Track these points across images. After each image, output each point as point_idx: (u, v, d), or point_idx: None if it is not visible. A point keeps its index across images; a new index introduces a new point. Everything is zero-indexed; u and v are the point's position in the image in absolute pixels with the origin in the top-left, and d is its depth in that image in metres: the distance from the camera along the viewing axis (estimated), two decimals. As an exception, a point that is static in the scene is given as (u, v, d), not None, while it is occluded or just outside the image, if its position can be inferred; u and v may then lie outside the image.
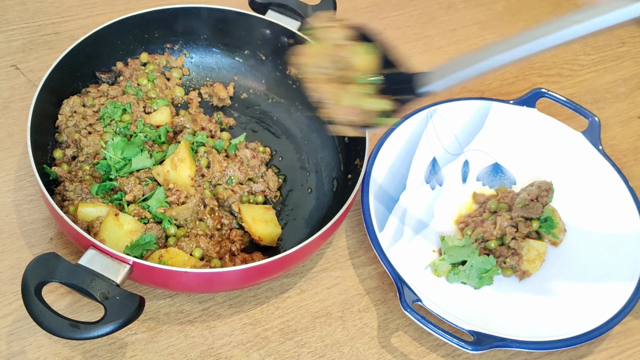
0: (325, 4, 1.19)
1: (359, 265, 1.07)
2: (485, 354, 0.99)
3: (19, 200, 1.05)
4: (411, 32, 1.42)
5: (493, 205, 1.10)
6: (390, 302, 1.03)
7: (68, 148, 1.04)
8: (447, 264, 1.04)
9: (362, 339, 0.99)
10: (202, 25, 1.19)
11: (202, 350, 0.94)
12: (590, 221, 1.11)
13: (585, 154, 1.14)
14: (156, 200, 0.98)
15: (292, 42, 1.16)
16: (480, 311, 1.00)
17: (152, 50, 1.19)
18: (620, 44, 1.47)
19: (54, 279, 0.82)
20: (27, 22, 1.28)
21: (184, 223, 0.98)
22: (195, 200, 0.99)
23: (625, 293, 1.00)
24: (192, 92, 1.19)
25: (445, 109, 1.16)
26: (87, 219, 0.95)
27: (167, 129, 1.08)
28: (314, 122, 1.18)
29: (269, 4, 1.18)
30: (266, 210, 1.03)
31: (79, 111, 1.07)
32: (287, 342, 0.97)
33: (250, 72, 1.22)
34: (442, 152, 1.17)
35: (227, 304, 1.00)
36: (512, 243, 1.04)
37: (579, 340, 0.95)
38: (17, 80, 1.19)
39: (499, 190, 1.16)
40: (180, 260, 0.92)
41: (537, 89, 1.19)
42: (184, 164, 1.00)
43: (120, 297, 0.82)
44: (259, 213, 1.02)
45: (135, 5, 1.34)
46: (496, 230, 1.05)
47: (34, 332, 0.92)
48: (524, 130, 1.18)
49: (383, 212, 1.05)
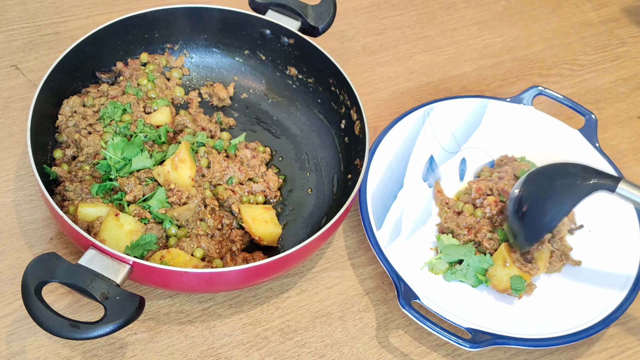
0: (325, 4, 1.19)
1: (358, 265, 1.07)
2: (485, 354, 0.99)
3: (19, 200, 1.05)
4: (411, 32, 1.42)
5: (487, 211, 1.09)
6: (390, 302, 1.03)
7: (68, 148, 1.04)
8: (444, 262, 1.04)
9: (362, 339, 0.99)
10: (202, 25, 1.19)
11: (202, 350, 0.94)
12: (587, 219, 1.11)
13: (582, 151, 1.15)
14: (157, 201, 0.98)
15: (292, 42, 1.16)
16: (478, 309, 1.00)
17: (152, 50, 1.19)
18: (620, 44, 1.47)
19: (54, 279, 0.82)
20: (27, 22, 1.29)
21: (185, 223, 0.98)
22: (197, 201, 0.99)
23: (623, 290, 1.00)
24: (192, 92, 1.19)
25: (443, 107, 1.16)
26: (87, 219, 0.95)
27: (167, 129, 1.08)
28: (313, 122, 1.18)
29: (269, 4, 1.18)
30: (266, 210, 1.03)
31: (79, 111, 1.07)
32: (287, 342, 0.97)
33: (250, 72, 1.22)
34: (440, 150, 1.17)
35: (227, 304, 1.00)
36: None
37: (577, 337, 0.95)
38: (17, 80, 1.19)
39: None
40: (182, 261, 0.92)
41: (533, 87, 1.20)
42: (184, 164, 1.00)
43: (120, 297, 0.82)
44: (259, 213, 1.02)
45: (135, 5, 1.34)
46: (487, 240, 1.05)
47: (34, 332, 0.92)
48: (521, 127, 1.18)
49: (381, 210, 1.06)
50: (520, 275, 1.01)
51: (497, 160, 1.18)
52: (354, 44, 1.37)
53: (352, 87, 1.09)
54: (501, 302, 1.02)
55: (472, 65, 1.38)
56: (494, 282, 1.03)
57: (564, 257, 1.06)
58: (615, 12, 1.53)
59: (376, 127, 1.22)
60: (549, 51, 1.43)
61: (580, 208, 1.12)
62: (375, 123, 1.23)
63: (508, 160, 1.16)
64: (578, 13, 1.51)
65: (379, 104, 1.28)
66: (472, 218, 1.07)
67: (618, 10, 1.54)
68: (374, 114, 1.25)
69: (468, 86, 1.34)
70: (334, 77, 1.13)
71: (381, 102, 1.28)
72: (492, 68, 1.38)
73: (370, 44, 1.38)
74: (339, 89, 1.13)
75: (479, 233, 1.05)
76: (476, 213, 1.08)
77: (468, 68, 1.37)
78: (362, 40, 1.38)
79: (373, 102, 1.28)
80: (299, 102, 1.20)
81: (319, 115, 1.18)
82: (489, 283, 1.03)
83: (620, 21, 1.51)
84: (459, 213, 1.09)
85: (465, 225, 1.07)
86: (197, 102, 1.17)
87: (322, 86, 1.17)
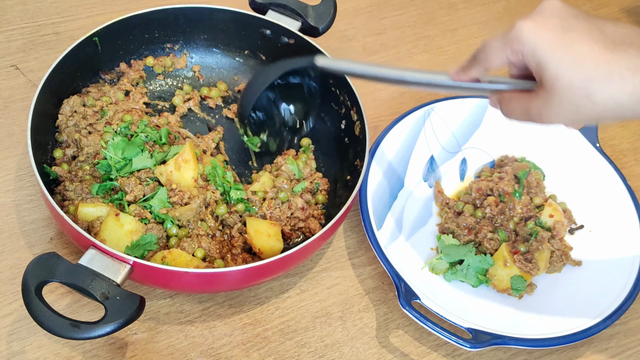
0: (325, 4, 1.19)
1: (358, 265, 1.07)
2: (485, 354, 0.99)
3: (19, 200, 1.05)
4: (411, 32, 1.42)
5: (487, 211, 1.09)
6: (390, 302, 1.03)
7: (68, 148, 1.04)
8: (444, 262, 1.04)
9: (362, 339, 0.99)
10: (202, 25, 1.19)
11: (202, 350, 0.94)
12: (587, 218, 1.11)
13: (582, 152, 1.15)
14: (159, 201, 0.98)
15: (293, 43, 1.16)
16: (479, 309, 1.00)
17: (152, 49, 1.19)
18: (620, 44, 1.47)
19: (54, 278, 0.82)
20: (27, 22, 1.28)
21: (186, 223, 0.98)
22: (199, 201, 0.99)
23: (624, 290, 1.00)
24: (192, 92, 1.19)
25: (443, 107, 1.16)
26: (87, 218, 0.95)
27: (168, 131, 1.08)
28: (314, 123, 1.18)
29: (270, 4, 1.18)
30: (272, 226, 1.01)
31: (79, 111, 1.07)
32: (287, 342, 0.97)
33: (250, 72, 1.22)
34: (440, 150, 1.17)
35: (227, 304, 1.00)
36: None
37: (577, 337, 0.95)
38: (17, 80, 1.19)
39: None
40: (183, 261, 0.92)
41: (534, 87, 1.20)
42: (188, 165, 1.00)
43: (121, 297, 0.82)
44: (264, 227, 1.00)
45: (135, 5, 1.34)
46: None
47: (34, 332, 0.92)
48: (521, 127, 1.18)
49: (381, 210, 1.06)
50: (521, 275, 1.01)
51: (498, 161, 1.18)
52: (354, 44, 1.37)
53: (352, 87, 1.09)
54: (501, 302, 1.02)
55: (472, 65, 1.38)
56: (494, 282, 1.03)
57: (565, 258, 1.06)
58: (615, 12, 1.53)
59: (376, 127, 1.22)
60: (549, 51, 1.43)
61: (581, 208, 1.12)
62: (375, 123, 1.23)
63: (508, 160, 1.16)
64: (578, 13, 1.51)
65: (379, 104, 1.28)
66: (473, 218, 1.07)
67: (618, 10, 1.54)
68: (374, 114, 1.25)
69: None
70: (334, 78, 1.13)
71: (381, 102, 1.28)
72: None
73: (370, 44, 1.38)
74: (339, 90, 1.13)
75: (480, 233, 1.05)
76: (476, 213, 1.08)
77: (468, 68, 1.37)
78: (362, 40, 1.38)
79: (373, 102, 1.28)
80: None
81: (319, 115, 1.18)
82: (490, 283, 1.03)
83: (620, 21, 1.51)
84: (459, 213, 1.09)
85: (465, 225, 1.07)
86: (197, 102, 1.17)
87: (322, 87, 1.17)
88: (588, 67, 0.70)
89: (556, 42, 0.72)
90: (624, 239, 1.06)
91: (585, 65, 0.70)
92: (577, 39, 0.71)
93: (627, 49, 0.70)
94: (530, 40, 0.73)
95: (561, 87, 0.71)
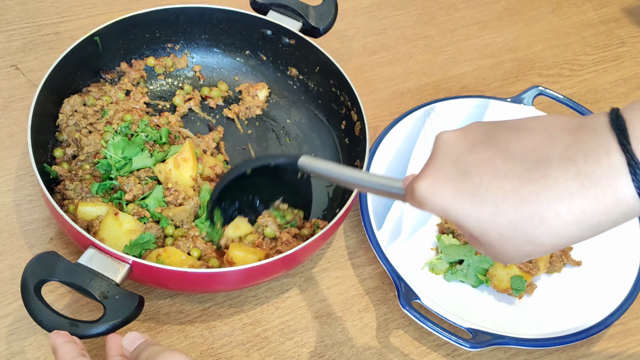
0: (326, 5, 1.19)
1: (358, 265, 1.07)
2: (485, 354, 0.99)
3: (19, 200, 1.05)
4: (411, 32, 1.42)
5: None
6: (390, 302, 1.03)
7: (68, 147, 1.04)
8: (444, 262, 1.04)
9: (362, 339, 0.99)
10: (203, 25, 1.19)
11: (202, 350, 0.94)
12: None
13: None
14: (154, 199, 0.98)
15: (293, 43, 1.16)
16: (479, 309, 1.00)
17: (153, 49, 1.19)
18: (620, 44, 1.47)
19: (53, 277, 0.82)
20: (27, 22, 1.29)
21: (180, 224, 0.98)
22: (193, 203, 0.99)
23: (624, 290, 1.00)
24: (193, 92, 1.19)
25: (443, 107, 1.16)
26: (86, 218, 0.95)
27: (168, 131, 1.08)
28: (314, 123, 1.18)
29: (271, 4, 1.18)
30: (261, 252, 0.97)
31: (80, 110, 1.07)
32: (287, 342, 0.97)
33: (251, 72, 1.22)
34: (441, 151, 1.17)
35: (227, 304, 1.00)
36: None
37: (577, 337, 0.95)
38: (17, 80, 1.19)
39: None
40: (177, 259, 0.91)
41: (534, 87, 1.20)
42: (187, 163, 1.00)
43: (120, 296, 0.82)
44: (249, 254, 0.95)
45: (135, 5, 1.34)
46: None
47: (34, 332, 0.92)
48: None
49: (381, 210, 1.06)
50: (521, 275, 1.01)
51: (498, 161, 1.17)
52: (354, 44, 1.38)
53: (353, 88, 1.09)
54: (502, 302, 1.02)
55: (472, 65, 1.38)
56: (494, 282, 1.03)
57: (565, 258, 1.06)
58: (615, 12, 1.53)
59: (376, 127, 1.22)
60: (549, 51, 1.43)
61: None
62: (375, 123, 1.23)
63: (508, 160, 1.16)
64: (578, 13, 1.51)
65: (379, 104, 1.28)
66: (473, 218, 1.07)
67: (618, 10, 1.54)
68: (374, 114, 1.25)
69: (468, 86, 1.34)
70: (334, 78, 1.13)
71: (381, 102, 1.28)
72: (492, 68, 1.38)
73: (370, 44, 1.38)
74: (340, 90, 1.13)
75: (479, 233, 1.05)
76: (476, 213, 1.08)
77: (468, 68, 1.37)
78: (362, 40, 1.38)
79: (373, 102, 1.28)
80: (299, 102, 1.20)
81: (320, 116, 1.18)
82: (490, 283, 1.03)
83: (620, 21, 1.51)
84: None
85: (465, 225, 1.07)
86: (198, 102, 1.17)
87: (322, 87, 1.17)
88: (508, 214, 0.58)
89: (460, 196, 0.60)
90: (624, 239, 1.06)
91: (504, 213, 0.58)
92: (481, 183, 0.59)
93: (547, 171, 0.57)
94: (435, 202, 0.62)
95: (494, 240, 0.60)
